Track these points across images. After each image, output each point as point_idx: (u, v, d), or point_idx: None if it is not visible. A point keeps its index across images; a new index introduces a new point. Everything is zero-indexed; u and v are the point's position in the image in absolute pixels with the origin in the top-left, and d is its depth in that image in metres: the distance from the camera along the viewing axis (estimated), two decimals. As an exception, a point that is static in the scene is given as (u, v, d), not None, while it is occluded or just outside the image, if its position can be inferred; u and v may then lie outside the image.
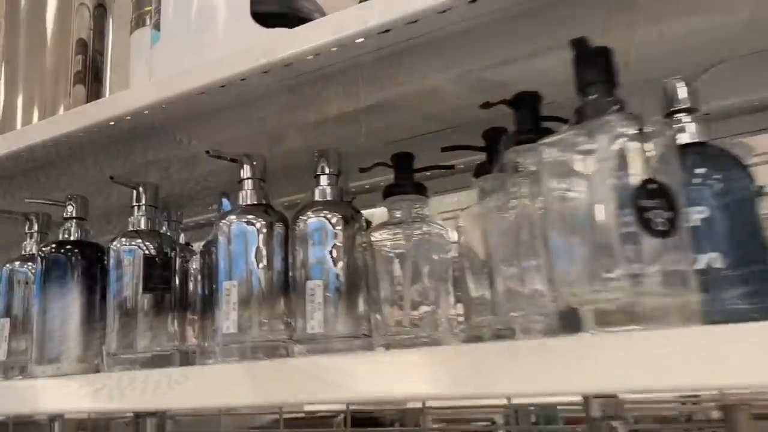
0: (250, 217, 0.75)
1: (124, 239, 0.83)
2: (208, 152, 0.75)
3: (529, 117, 0.63)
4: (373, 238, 0.76)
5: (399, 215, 0.78)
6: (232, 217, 0.75)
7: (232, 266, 0.73)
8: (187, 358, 0.86)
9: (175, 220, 0.96)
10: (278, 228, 0.75)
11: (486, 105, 0.63)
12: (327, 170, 0.77)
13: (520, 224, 0.59)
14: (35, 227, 0.98)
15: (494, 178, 0.64)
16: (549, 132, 0.62)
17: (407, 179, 0.79)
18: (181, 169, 0.94)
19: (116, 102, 0.82)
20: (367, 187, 0.98)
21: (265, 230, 0.74)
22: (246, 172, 0.78)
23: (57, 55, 1.07)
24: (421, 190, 0.78)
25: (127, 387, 0.71)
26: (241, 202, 0.77)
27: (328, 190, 0.77)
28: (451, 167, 0.80)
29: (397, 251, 0.76)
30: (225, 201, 0.92)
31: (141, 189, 0.86)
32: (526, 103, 0.63)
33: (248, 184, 0.78)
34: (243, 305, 0.71)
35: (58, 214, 0.97)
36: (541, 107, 0.63)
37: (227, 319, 0.71)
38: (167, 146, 0.86)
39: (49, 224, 0.99)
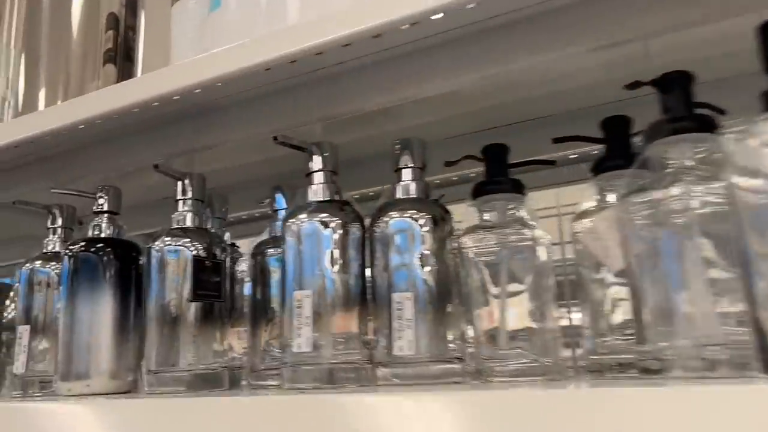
0: (323, 215, 0.63)
1: (168, 238, 0.71)
2: (275, 138, 0.64)
3: (682, 102, 0.51)
4: (462, 244, 0.65)
5: (491, 217, 0.67)
6: (303, 215, 0.64)
7: (303, 273, 0.62)
8: (233, 377, 0.75)
9: (219, 217, 0.85)
10: (354, 229, 0.64)
11: (633, 85, 0.52)
12: (410, 163, 0.66)
13: (681, 231, 0.48)
14: (59, 221, 0.87)
15: (633, 175, 0.53)
16: (705, 121, 0.51)
17: (501, 175, 0.68)
18: (230, 158, 0.83)
19: (162, 79, 0.71)
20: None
21: (340, 231, 0.63)
22: (316, 163, 0.67)
23: (85, 32, 0.96)
24: (517, 188, 0.67)
25: (170, 416, 0.59)
26: (311, 198, 0.66)
27: (413, 186, 0.66)
28: (553, 162, 0.69)
29: (490, 259, 0.65)
30: (279, 196, 0.81)
31: (187, 180, 0.74)
32: (676, 85, 0.52)
33: (319, 177, 0.66)
34: (316, 319, 0.60)
35: (84, 208, 0.86)
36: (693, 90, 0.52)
37: (299, 335, 0.60)
38: (218, 131, 0.75)
39: (74, 218, 0.88)
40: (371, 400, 0.50)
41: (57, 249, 0.85)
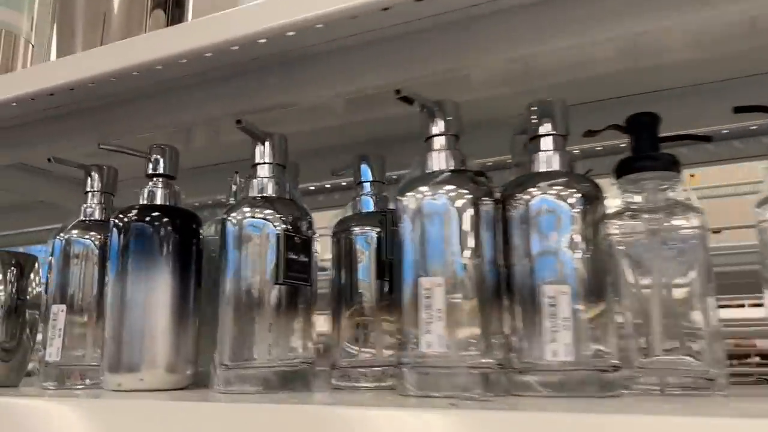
0: (449, 188, 0.52)
1: (248, 209, 0.60)
2: (398, 92, 0.52)
3: None
4: (606, 231, 0.55)
5: (641, 199, 0.57)
6: (425, 188, 0.53)
7: (427, 257, 0.51)
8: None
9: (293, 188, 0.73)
10: (487, 205, 0.53)
11: None
12: (552, 130, 0.55)
13: None
14: (97, 185, 0.74)
15: None
16: None
17: (651, 149, 0.58)
18: (301, 121, 0.72)
19: (246, 18, 0.59)
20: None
21: (472, 207, 0.52)
22: (437, 125, 0.56)
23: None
24: (671, 165, 0.57)
25: (248, 424, 0.48)
26: (433, 167, 0.55)
27: (556, 157, 0.55)
28: (708, 138, 0.59)
29: (640, 250, 0.55)
30: (365, 167, 0.69)
31: (268, 142, 0.63)
32: None
33: (440, 143, 0.55)
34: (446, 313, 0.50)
35: (130, 170, 0.73)
36: None
37: (428, 332, 0.49)
38: (305, 85, 0.63)
39: (116, 182, 0.76)
40: (531, 418, 0.40)
41: (96, 216, 0.73)
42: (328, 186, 0.88)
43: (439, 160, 0.55)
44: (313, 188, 0.88)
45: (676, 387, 0.51)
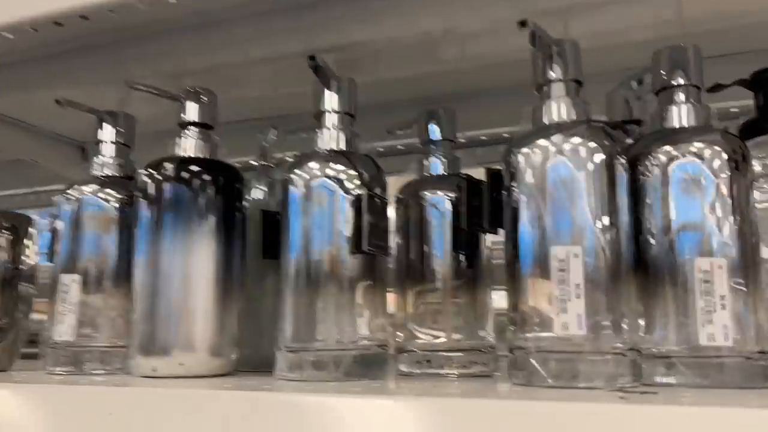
0: (576, 141, 0.44)
1: (315, 164, 0.50)
2: (523, 24, 0.43)
3: None
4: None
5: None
6: (546, 142, 0.44)
7: (553, 224, 0.43)
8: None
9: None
10: (620, 165, 0.45)
11: None
12: (682, 80, 0.48)
13: None
14: (112, 135, 0.63)
15: None
16: None
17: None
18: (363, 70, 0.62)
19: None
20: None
21: (606, 167, 0.44)
22: (557, 70, 0.47)
23: None
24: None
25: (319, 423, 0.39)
26: (551, 117, 0.46)
27: (693, 111, 0.47)
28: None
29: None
30: (432, 125, 0.60)
31: (335, 86, 0.53)
32: None
33: (560, 89, 0.47)
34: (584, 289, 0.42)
35: (152, 121, 0.62)
36: None
37: (564, 311, 0.41)
38: (386, 20, 0.54)
39: (134, 132, 0.64)
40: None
41: (112, 172, 0.62)
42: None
43: (560, 110, 0.46)
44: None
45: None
